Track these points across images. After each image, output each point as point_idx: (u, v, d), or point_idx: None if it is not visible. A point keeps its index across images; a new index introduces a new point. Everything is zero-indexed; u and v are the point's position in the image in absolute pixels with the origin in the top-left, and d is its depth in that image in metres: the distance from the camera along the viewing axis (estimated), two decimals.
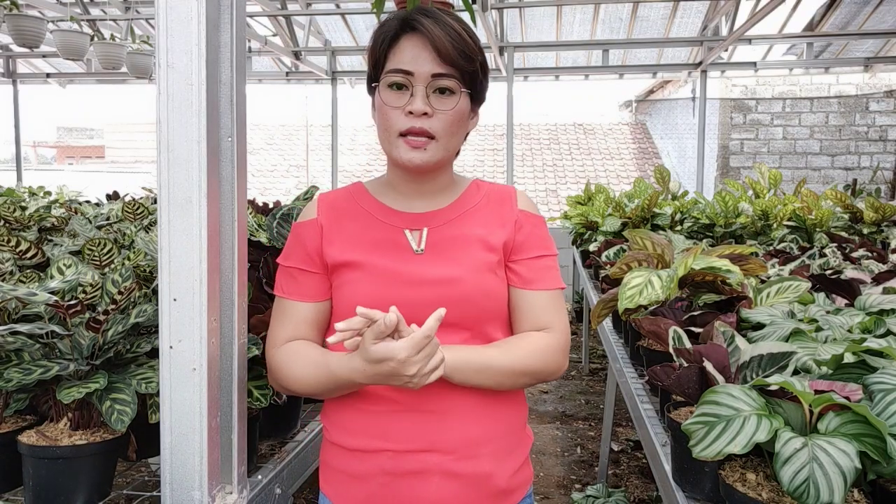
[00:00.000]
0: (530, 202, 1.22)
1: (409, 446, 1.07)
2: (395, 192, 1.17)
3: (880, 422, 0.85)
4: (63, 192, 4.77)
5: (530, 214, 1.18)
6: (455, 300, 1.08)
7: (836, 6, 6.02)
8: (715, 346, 1.21)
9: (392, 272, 1.09)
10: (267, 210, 2.99)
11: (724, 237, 3.40)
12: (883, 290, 1.64)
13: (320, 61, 7.47)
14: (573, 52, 7.30)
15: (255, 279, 1.54)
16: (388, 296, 1.07)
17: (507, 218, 1.16)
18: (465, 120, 1.12)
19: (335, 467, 1.13)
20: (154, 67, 1.24)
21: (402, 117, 1.06)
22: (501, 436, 1.13)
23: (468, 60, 1.07)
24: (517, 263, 1.15)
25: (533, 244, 1.16)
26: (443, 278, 1.09)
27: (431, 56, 1.05)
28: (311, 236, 1.15)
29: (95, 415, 1.22)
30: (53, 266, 1.48)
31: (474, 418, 1.10)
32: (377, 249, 1.11)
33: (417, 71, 1.05)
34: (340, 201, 1.18)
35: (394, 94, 1.07)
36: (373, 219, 1.15)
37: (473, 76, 1.09)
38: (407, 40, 1.07)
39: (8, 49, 7.74)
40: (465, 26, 1.09)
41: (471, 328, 1.11)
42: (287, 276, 1.16)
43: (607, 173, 13.49)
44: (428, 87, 1.06)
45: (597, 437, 3.99)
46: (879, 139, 9.53)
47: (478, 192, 1.20)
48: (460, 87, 1.08)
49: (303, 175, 13.94)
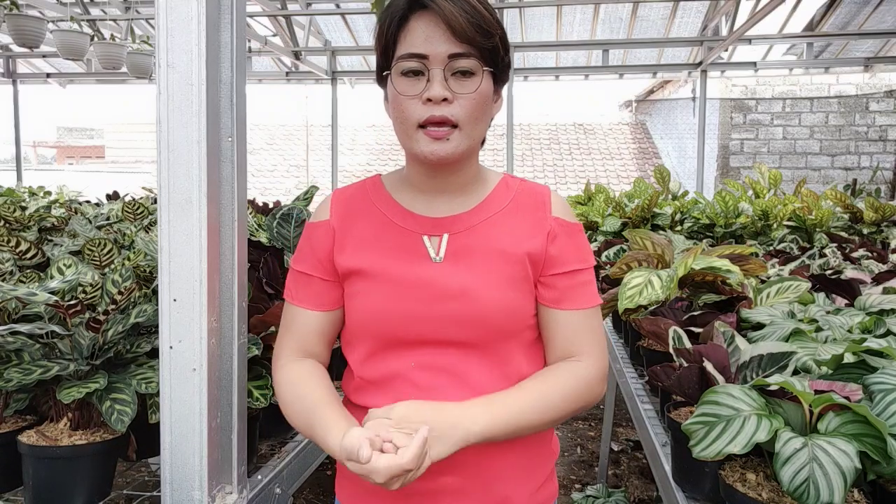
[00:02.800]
0: (565, 206, 1.09)
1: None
2: (414, 191, 1.06)
3: (880, 422, 0.85)
4: (63, 192, 4.77)
5: (565, 223, 1.05)
6: (471, 318, 0.99)
7: (836, 6, 6.02)
8: (715, 346, 1.21)
9: (406, 283, 1.00)
10: (267, 210, 3.00)
11: (725, 237, 3.40)
12: (883, 290, 1.64)
13: (320, 61, 7.47)
14: (573, 52, 7.30)
15: (255, 279, 1.54)
16: (399, 309, 0.99)
17: (540, 226, 1.04)
18: (489, 103, 1.00)
19: (349, 478, 1.08)
20: (154, 67, 1.24)
21: (419, 106, 0.96)
22: (522, 454, 1.04)
23: (487, 36, 0.96)
24: (549, 279, 1.03)
25: (568, 257, 1.03)
26: (460, 292, 0.99)
27: (446, 35, 0.94)
28: (322, 240, 1.06)
29: (95, 415, 1.22)
30: (53, 266, 1.48)
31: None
32: (391, 257, 1.02)
33: (432, 53, 0.94)
34: (356, 200, 1.09)
35: (408, 82, 0.96)
36: (388, 222, 1.05)
37: (494, 52, 0.98)
38: (417, 20, 0.95)
39: (8, 49, 7.74)
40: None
41: (486, 348, 1.01)
42: (297, 280, 1.08)
43: (607, 173, 13.49)
44: (446, 70, 0.95)
45: (597, 437, 3.99)
46: (879, 139, 9.53)
47: (507, 193, 1.07)
48: (481, 67, 0.97)
49: (303, 175, 13.94)
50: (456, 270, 1.00)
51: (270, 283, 1.59)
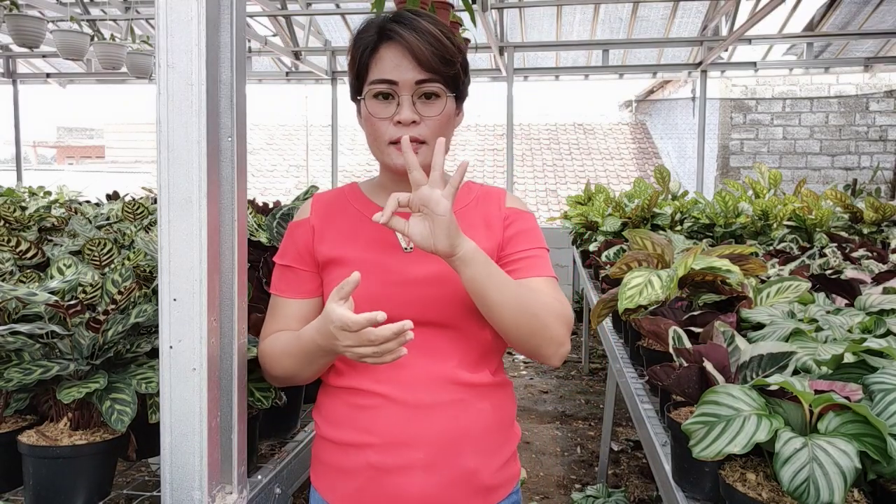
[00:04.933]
0: (518, 201, 1.24)
1: (393, 440, 1.08)
2: (387, 194, 1.16)
3: (880, 422, 0.85)
4: (63, 192, 4.77)
5: (518, 211, 1.20)
6: (441, 299, 1.10)
7: (836, 6, 6.02)
8: (715, 346, 1.21)
9: (380, 269, 1.11)
10: (267, 210, 3.00)
11: (724, 237, 3.40)
12: (883, 290, 1.64)
13: (320, 61, 7.47)
14: (573, 52, 7.29)
15: (255, 279, 1.54)
16: (375, 293, 1.10)
17: (496, 217, 1.18)
18: (451, 120, 1.15)
19: (325, 462, 1.16)
20: (154, 67, 1.25)
21: (390, 127, 1.09)
22: (488, 432, 1.13)
23: (448, 65, 1.09)
24: (507, 258, 1.15)
25: (521, 239, 1.17)
26: (430, 277, 1.10)
27: (412, 64, 1.06)
28: (303, 235, 1.18)
29: (95, 415, 1.22)
30: (53, 266, 1.48)
31: (459, 413, 1.10)
32: (366, 247, 1.14)
33: (401, 80, 1.07)
34: (334, 202, 1.21)
35: (380, 105, 1.09)
36: (364, 218, 1.17)
37: (455, 78, 1.11)
38: (386, 49, 1.08)
39: (8, 49, 7.74)
40: (441, 27, 1.10)
41: (458, 327, 1.12)
42: (280, 273, 1.20)
43: (607, 173, 13.49)
44: (413, 95, 1.08)
45: (597, 436, 3.99)
46: (879, 139, 9.53)
47: (468, 194, 1.22)
48: (445, 91, 1.10)
49: (303, 175, 13.94)
50: (425, 259, 1.10)
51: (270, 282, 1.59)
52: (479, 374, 1.14)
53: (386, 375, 1.10)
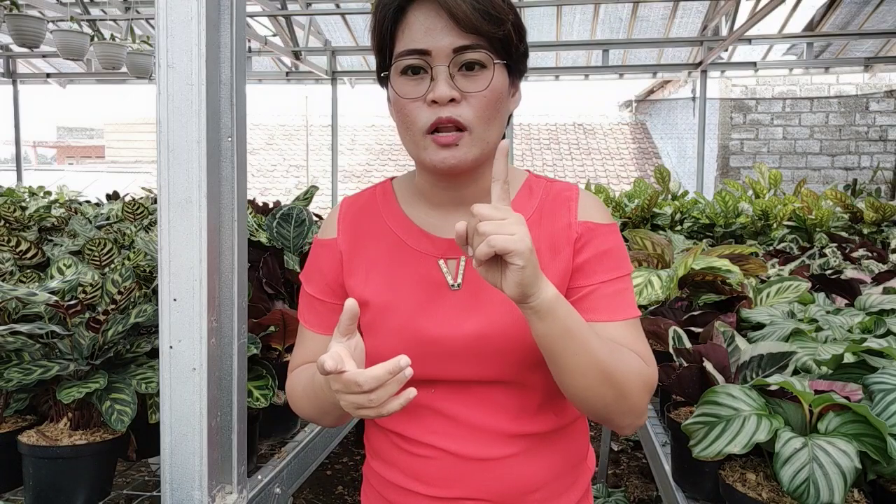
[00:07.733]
0: (596, 205, 0.95)
1: (445, 493, 0.92)
2: (427, 204, 0.95)
3: (880, 422, 0.85)
4: (63, 192, 4.77)
5: (595, 225, 0.91)
6: (497, 354, 0.89)
7: (836, 6, 6.02)
8: (715, 346, 1.21)
9: (422, 316, 0.90)
10: (267, 210, 3.00)
11: (724, 237, 3.40)
12: (883, 290, 1.64)
13: (320, 61, 7.47)
14: (573, 51, 7.30)
15: (255, 279, 1.54)
16: (414, 350, 0.86)
17: (563, 236, 0.91)
18: (503, 100, 0.87)
19: (375, 488, 1.02)
20: (154, 67, 1.23)
21: (424, 109, 0.84)
22: (556, 478, 0.95)
23: (497, 23, 0.83)
24: (579, 292, 0.89)
25: (600, 267, 0.90)
26: (485, 328, 0.88)
27: (449, 25, 0.82)
28: (329, 262, 0.97)
29: (95, 415, 1.22)
30: (53, 266, 1.48)
31: (521, 465, 0.92)
32: (405, 286, 0.92)
33: (435, 47, 0.83)
34: (365, 214, 0.98)
35: (410, 82, 0.85)
36: (401, 244, 0.94)
37: (506, 41, 0.85)
38: (415, 11, 0.84)
39: (8, 49, 7.74)
40: None
41: (520, 382, 0.91)
42: (307, 302, 1.00)
43: (607, 173, 13.49)
44: (451, 66, 0.83)
45: (597, 436, 3.99)
46: (879, 139, 9.53)
47: (531, 200, 0.94)
48: (492, 59, 0.84)
49: (303, 175, 13.93)
50: (474, 301, 0.89)
51: (270, 283, 1.59)
52: (542, 419, 0.93)
53: (435, 425, 0.92)
